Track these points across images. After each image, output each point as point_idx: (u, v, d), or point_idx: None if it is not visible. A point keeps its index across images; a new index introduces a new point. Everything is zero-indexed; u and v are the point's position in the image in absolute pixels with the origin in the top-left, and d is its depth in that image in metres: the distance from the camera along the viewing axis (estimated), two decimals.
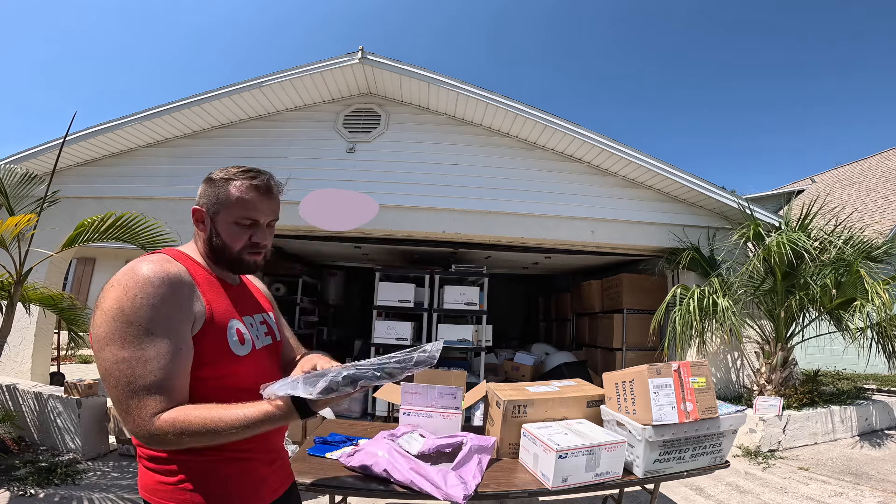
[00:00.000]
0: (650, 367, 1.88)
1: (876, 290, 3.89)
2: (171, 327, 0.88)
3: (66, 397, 3.48)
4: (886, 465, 3.77)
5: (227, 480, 0.95)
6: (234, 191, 1.04)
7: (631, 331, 6.04)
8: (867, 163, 12.33)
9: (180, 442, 0.84)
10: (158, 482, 0.93)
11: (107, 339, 0.85)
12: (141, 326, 0.85)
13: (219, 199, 1.05)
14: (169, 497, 0.91)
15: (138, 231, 3.28)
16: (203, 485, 0.92)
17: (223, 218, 1.05)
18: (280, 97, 5.08)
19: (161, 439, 0.83)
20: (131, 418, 0.83)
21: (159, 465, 0.93)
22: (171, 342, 0.87)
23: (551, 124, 4.81)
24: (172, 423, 0.83)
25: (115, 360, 0.84)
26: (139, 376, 0.83)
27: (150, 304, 0.86)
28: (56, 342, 5.62)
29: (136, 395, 0.83)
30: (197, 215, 1.08)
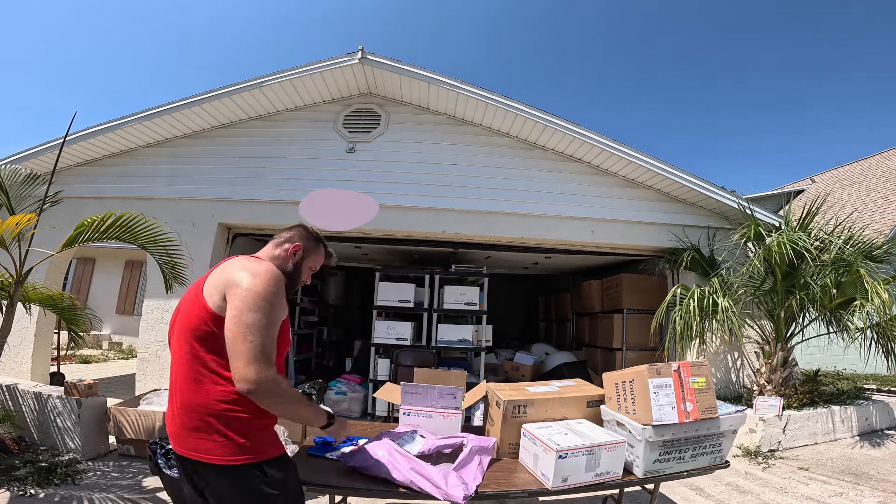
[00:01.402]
0: (650, 367, 1.88)
1: (876, 289, 3.89)
2: (281, 314, 1.27)
3: (66, 397, 3.48)
4: (886, 465, 3.77)
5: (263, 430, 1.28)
6: (322, 251, 1.61)
7: (631, 331, 6.04)
8: (867, 163, 12.34)
9: (278, 395, 1.17)
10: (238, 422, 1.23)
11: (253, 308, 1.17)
12: (268, 307, 1.20)
13: (312, 249, 1.56)
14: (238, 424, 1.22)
15: (138, 231, 3.28)
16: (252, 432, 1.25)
17: (306, 261, 1.53)
18: (280, 97, 5.08)
19: (271, 387, 1.14)
20: (258, 366, 1.13)
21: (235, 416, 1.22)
22: (277, 323, 1.24)
23: (551, 124, 4.81)
24: (282, 380, 1.19)
25: (251, 319, 1.16)
26: (267, 339, 1.17)
27: (274, 295, 1.23)
28: (56, 342, 5.62)
29: (264, 352, 1.15)
30: (294, 249, 1.50)
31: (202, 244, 4.89)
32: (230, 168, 5.11)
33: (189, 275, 4.05)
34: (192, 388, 1.22)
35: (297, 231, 1.56)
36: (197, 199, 5.04)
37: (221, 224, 5.04)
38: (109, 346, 9.88)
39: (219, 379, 1.20)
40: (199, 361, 1.21)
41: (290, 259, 1.49)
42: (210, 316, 1.21)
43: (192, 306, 1.26)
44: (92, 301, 10.20)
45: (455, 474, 1.62)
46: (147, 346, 4.78)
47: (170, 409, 1.30)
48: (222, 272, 1.28)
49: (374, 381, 5.31)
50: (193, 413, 1.21)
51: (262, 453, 1.23)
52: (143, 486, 3.04)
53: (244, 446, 1.21)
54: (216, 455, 1.19)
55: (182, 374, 1.24)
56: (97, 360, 8.54)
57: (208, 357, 1.21)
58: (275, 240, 1.52)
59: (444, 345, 5.45)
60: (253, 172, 5.08)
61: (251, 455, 1.21)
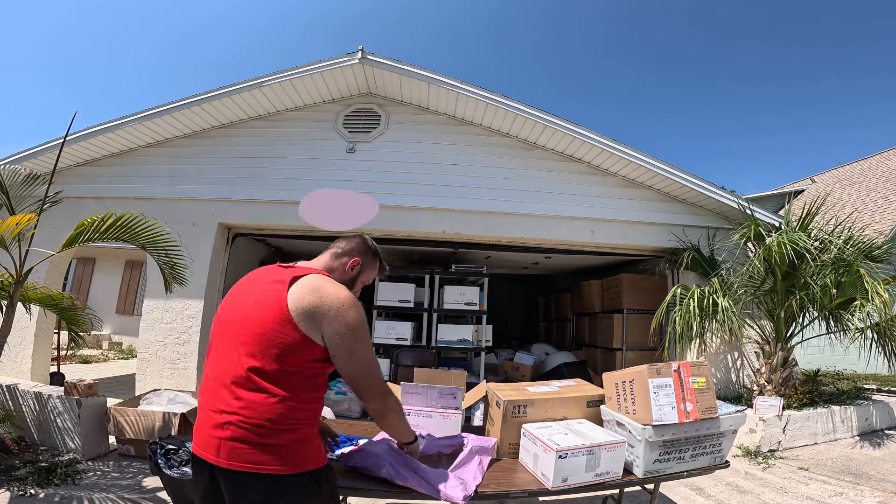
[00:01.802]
0: (650, 367, 1.88)
1: (876, 289, 3.89)
2: None
3: (66, 397, 3.48)
4: (886, 465, 3.77)
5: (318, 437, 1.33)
6: (377, 266, 1.58)
7: (631, 331, 6.04)
8: (867, 163, 12.34)
9: (399, 412, 1.47)
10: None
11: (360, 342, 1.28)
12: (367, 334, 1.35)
13: (369, 264, 1.54)
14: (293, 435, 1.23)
15: (138, 231, 3.28)
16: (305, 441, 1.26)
17: (361, 276, 1.52)
18: (280, 97, 5.08)
19: (397, 409, 1.45)
20: (389, 397, 1.38)
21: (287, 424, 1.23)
22: None
23: (551, 124, 4.81)
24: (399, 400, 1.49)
25: (370, 360, 1.31)
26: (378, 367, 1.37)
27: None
28: (56, 342, 5.62)
29: (383, 380, 1.37)
30: (353, 264, 1.49)
31: (202, 244, 4.89)
32: (230, 168, 5.11)
33: (189, 275, 4.06)
34: (251, 396, 1.18)
35: (356, 244, 1.52)
36: (197, 199, 5.04)
37: (221, 224, 5.04)
38: (109, 346, 9.88)
39: (279, 391, 1.18)
40: (261, 372, 1.19)
41: (348, 274, 1.47)
42: (301, 337, 1.20)
43: (269, 316, 1.22)
44: (92, 301, 10.20)
45: (454, 475, 1.62)
46: (147, 346, 4.77)
47: (209, 417, 1.23)
48: (306, 291, 1.24)
49: None
50: (252, 423, 1.17)
51: (314, 463, 1.24)
52: (143, 486, 3.04)
53: (299, 457, 1.21)
54: (271, 466, 1.16)
55: (234, 383, 1.20)
56: (97, 360, 8.54)
57: (277, 370, 1.19)
58: (332, 249, 1.49)
59: (444, 345, 5.45)
60: (253, 172, 5.08)
61: (306, 465, 1.22)
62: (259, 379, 1.19)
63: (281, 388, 1.19)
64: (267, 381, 1.18)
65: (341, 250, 1.48)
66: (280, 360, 1.19)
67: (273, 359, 1.19)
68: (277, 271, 1.35)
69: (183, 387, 4.56)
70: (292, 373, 1.20)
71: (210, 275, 4.85)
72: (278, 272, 1.34)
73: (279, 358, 1.19)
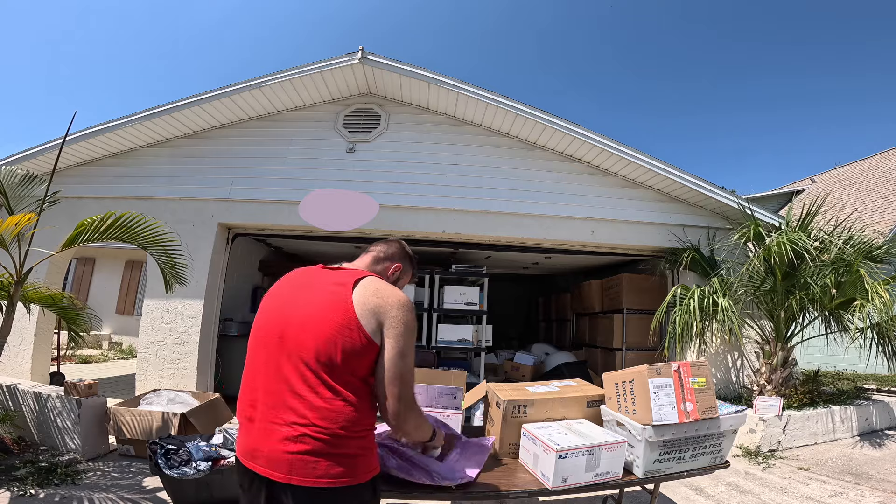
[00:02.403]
0: (650, 367, 1.88)
1: (876, 290, 3.88)
2: None
3: (66, 397, 3.48)
4: (886, 465, 3.77)
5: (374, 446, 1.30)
6: (411, 273, 1.58)
7: (631, 331, 6.04)
8: (867, 163, 12.33)
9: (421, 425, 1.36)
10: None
11: (410, 347, 1.23)
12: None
13: (407, 271, 1.55)
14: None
15: (138, 231, 3.28)
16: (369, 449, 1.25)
17: (401, 281, 1.53)
18: (280, 97, 5.08)
19: (421, 417, 1.34)
20: (415, 409, 1.27)
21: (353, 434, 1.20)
22: None
23: (551, 124, 4.81)
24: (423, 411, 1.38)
25: (411, 368, 1.24)
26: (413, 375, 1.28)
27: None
28: (56, 342, 5.62)
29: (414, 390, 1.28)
30: (395, 269, 1.50)
31: (202, 244, 4.89)
32: (230, 168, 5.10)
33: (189, 275, 4.06)
34: (327, 404, 1.14)
35: (397, 249, 1.52)
36: (197, 199, 5.04)
37: (221, 224, 5.04)
38: (109, 346, 9.88)
39: (351, 397, 1.16)
40: (332, 377, 1.16)
41: (389, 278, 1.46)
42: (366, 342, 1.18)
43: (331, 322, 1.18)
44: (92, 301, 10.20)
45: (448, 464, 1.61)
46: (147, 346, 4.77)
47: (274, 431, 1.15)
48: (370, 293, 1.23)
49: None
50: (329, 432, 1.13)
51: (375, 469, 1.24)
52: (143, 486, 3.04)
53: (366, 465, 1.19)
54: (345, 478, 1.13)
55: (308, 390, 1.15)
56: (97, 360, 8.54)
57: (345, 375, 1.17)
58: (372, 252, 1.48)
59: (444, 345, 5.45)
60: (253, 172, 5.08)
61: (371, 472, 1.21)
62: (335, 384, 1.16)
63: (351, 393, 1.17)
64: (342, 387, 1.16)
65: (383, 254, 1.48)
66: (348, 365, 1.17)
67: (342, 364, 1.16)
68: (332, 274, 1.32)
69: (183, 387, 4.56)
70: (358, 377, 1.19)
71: (210, 275, 4.85)
72: (334, 275, 1.31)
73: (347, 362, 1.17)
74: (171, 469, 2.68)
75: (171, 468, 2.69)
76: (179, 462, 2.71)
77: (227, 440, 2.92)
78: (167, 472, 2.67)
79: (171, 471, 2.67)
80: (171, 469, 2.68)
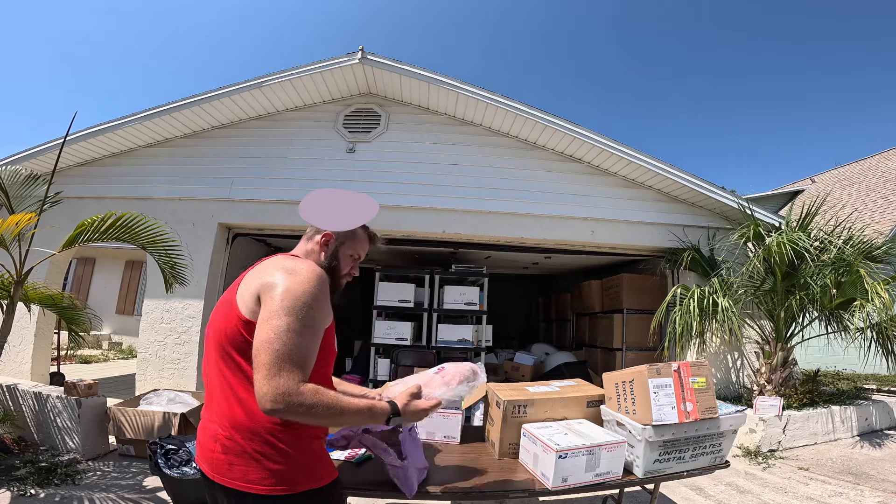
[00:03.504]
0: (650, 367, 1.88)
1: (876, 290, 3.88)
2: (323, 319, 1.11)
3: (66, 397, 3.48)
4: (886, 465, 3.77)
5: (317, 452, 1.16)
6: (360, 232, 1.36)
7: (631, 331, 6.04)
8: (867, 163, 12.33)
9: (309, 412, 0.97)
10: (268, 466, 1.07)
11: (278, 310, 1.02)
12: (304, 311, 1.03)
13: (347, 236, 1.32)
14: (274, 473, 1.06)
15: (138, 231, 3.28)
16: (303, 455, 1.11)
17: (343, 250, 1.32)
18: (280, 97, 5.08)
19: (297, 402, 0.96)
20: (281, 380, 0.95)
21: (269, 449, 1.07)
22: (318, 332, 1.08)
23: (551, 124, 4.81)
24: (313, 392, 0.98)
25: (279, 328, 0.99)
26: (295, 348, 0.99)
27: (314, 297, 1.07)
28: (56, 342, 5.62)
29: (291, 363, 0.98)
30: (326, 239, 1.30)
31: (202, 244, 4.89)
32: (230, 168, 5.10)
33: (189, 275, 4.06)
34: (230, 406, 1.08)
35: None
36: (197, 199, 5.04)
37: (221, 224, 5.04)
38: (109, 346, 9.88)
39: (240, 392, 1.08)
40: (238, 376, 1.08)
41: (323, 250, 1.29)
42: (243, 323, 1.07)
43: (226, 313, 1.12)
44: (92, 301, 10.20)
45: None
46: (147, 346, 4.77)
47: (204, 432, 1.14)
48: (258, 273, 1.14)
49: (373, 381, 5.31)
50: (235, 435, 1.07)
51: (307, 482, 1.09)
52: (143, 485, 3.04)
53: (287, 473, 1.07)
54: (256, 484, 1.05)
55: (218, 391, 1.11)
56: (97, 360, 8.54)
57: (238, 369, 1.08)
58: (306, 233, 1.33)
59: (444, 345, 5.45)
60: (253, 172, 5.08)
61: (292, 484, 1.07)
62: (231, 380, 1.08)
63: (243, 389, 1.07)
64: (237, 383, 1.08)
65: (312, 230, 1.31)
66: (240, 356, 1.07)
67: (233, 355, 1.08)
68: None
69: (183, 387, 4.56)
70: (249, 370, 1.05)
71: (210, 275, 4.85)
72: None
73: (237, 354, 1.08)
74: (172, 469, 2.68)
75: (171, 468, 2.69)
76: (179, 462, 2.71)
77: None
78: (167, 471, 2.67)
79: (172, 471, 2.67)
80: (171, 469, 2.68)
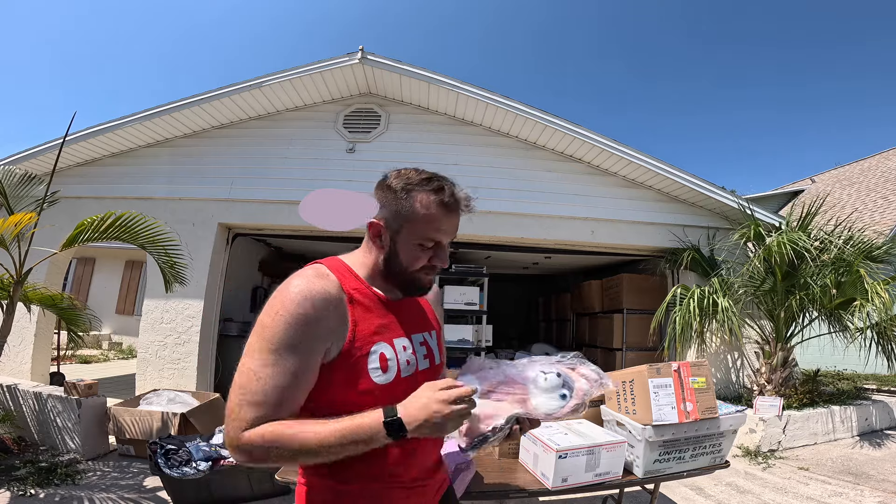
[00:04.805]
0: (650, 367, 1.88)
1: (876, 290, 3.89)
2: (299, 349, 0.83)
3: (66, 397, 3.48)
4: (886, 465, 3.77)
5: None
6: (418, 206, 0.92)
7: (631, 331, 6.04)
8: (867, 163, 12.33)
9: (267, 456, 0.80)
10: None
11: (246, 348, 0.85)
12: (272, 343, 0.83)
13: (401, 213, 0.93)
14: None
15: (138, 231, 3.28)
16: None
17: (404, 237, 0.94)
18: (280, 97, 5.08)
19: (246, 450, 0.80)
20: (229, 425, 0.82)
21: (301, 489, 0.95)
22: (293, 363, 0.83)
23: (551, 124, 4.81)
24: (261, 436, 0.80)
25: (242, 369, 0.84)
26: (251, 389, 0.82)
27: (285, 324, 0.83)
28: (56, 342, 5.62)
29: (241, 405, 0.81)
30: (374, 230, 0.97)
31: (202, 244, 4.89)
32: (230, 168, 5.10)
33: (189, 275, 4.06)
34: None
35: (372, 195, 1.02)
36: (197, 199, 5.03)
37: (221, 224, 5.04)
38: (109, 346, 9.88)
39: None
40: None
41: (376, 245, 0.99)
42: None
43: None
44: (92, 301, 10.20)
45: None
46: (147, 346, 4.77)
47: None
48: None
49: None
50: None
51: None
52: (143, 485, 3.04)
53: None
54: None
55: None
56: (97, 360, 8.54)
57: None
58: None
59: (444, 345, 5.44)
60: (253, 172, 5.08)
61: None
62: None
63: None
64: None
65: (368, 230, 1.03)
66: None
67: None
68: None
69: (183, 387, 4.56)
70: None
71: (210, 275, 4.85)
72: None
73: None
74: (172, 469, 2.68)
75: (171, 468, 2.69)
76: (179, 462, 2.71)
77: None
78: (167, 471, 2.67)
79: (172, 471, 2.67)
80: (171, 469, 2.68)
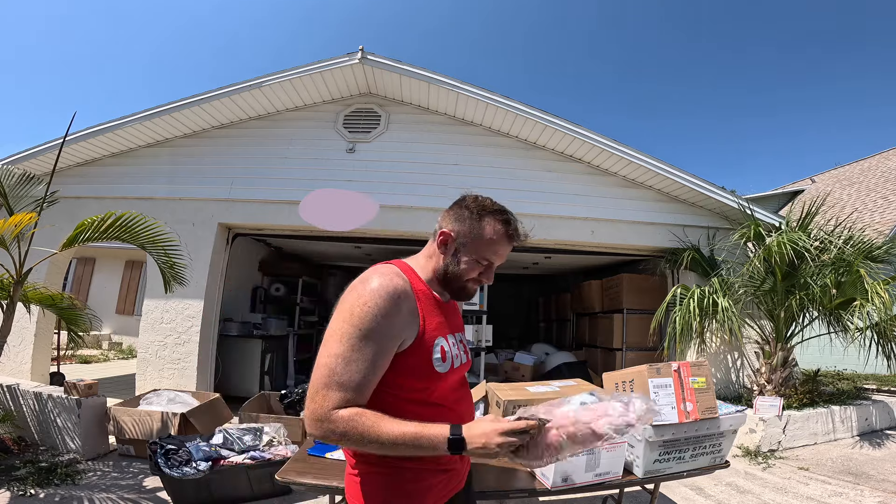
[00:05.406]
0: (650, 367, 1.88)
1: (876, 290, 3.88)
2: (382, 338, 0.94)
3: (66, 397, 3.48)
4: (886, 465, 3.77)
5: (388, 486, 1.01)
6: (487, 230, 1.07)
7: (631, 331, 6.04)
8: (867, 163, 12.33)
9: (343, 437, 0.89)
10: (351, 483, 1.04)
11: (331, 334, 0.94)
12: (361, 330, 0.92)
13: (471, 231, 1.07)
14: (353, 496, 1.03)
15: (138, 231, 3.28)
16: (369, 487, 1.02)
17: (467, 251, 1.07)
18: (280, 97, 5.08)
19: (331, 430, 0.89)
20: (315, 404, 0.90)
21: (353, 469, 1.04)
22: (375, 351, 0.93)
23: (552, 124, 4.81)
24: (348, 419, 0.89)
25: (329, 354, 0.92)
26: (339, 372, 0.91)
27: (373, 314, 0.93)
28: (56, 342, 5.62)
29: (328, 386, 0.90)
30: (444, 238, 1.08)
31: (202, 244, 4.89)
32: (230, 168, 5.10)
33: (189, 275, 4.06)
34: None
35: (448, 211, 1.12)
36: (197, 199, 5.03)
37: (221, 224, 5.04)
38: (109, 346, 9.88)
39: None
40: None
41: (445, 256, 1.08)
42: None
43: None
44: (92, 301, 10.20)
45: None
46: (147, 346, 4.77)
47: None
48: None
49: None
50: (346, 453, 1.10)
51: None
52: (143, 485, 3.04)
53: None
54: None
55: None
56: (97, 360, 8.54)
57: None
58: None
59: None
60: (253, 172, 5.08)
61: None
62: None
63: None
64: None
65: (436, 227, 1.12)
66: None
67: None
68: None
69: (183, 387, 4.56)
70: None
71: (210, 275, 4.85)
72: None
73: None
74: (172, 469, 2.68)
75: (171, 468, 2.69)
76: (179, 462, 2.71)
77: (227, 440, 2.92)
78: (167, 471, 2.67)
79: (172, 471, 2.67)
80: (171, 469, 2.68)
